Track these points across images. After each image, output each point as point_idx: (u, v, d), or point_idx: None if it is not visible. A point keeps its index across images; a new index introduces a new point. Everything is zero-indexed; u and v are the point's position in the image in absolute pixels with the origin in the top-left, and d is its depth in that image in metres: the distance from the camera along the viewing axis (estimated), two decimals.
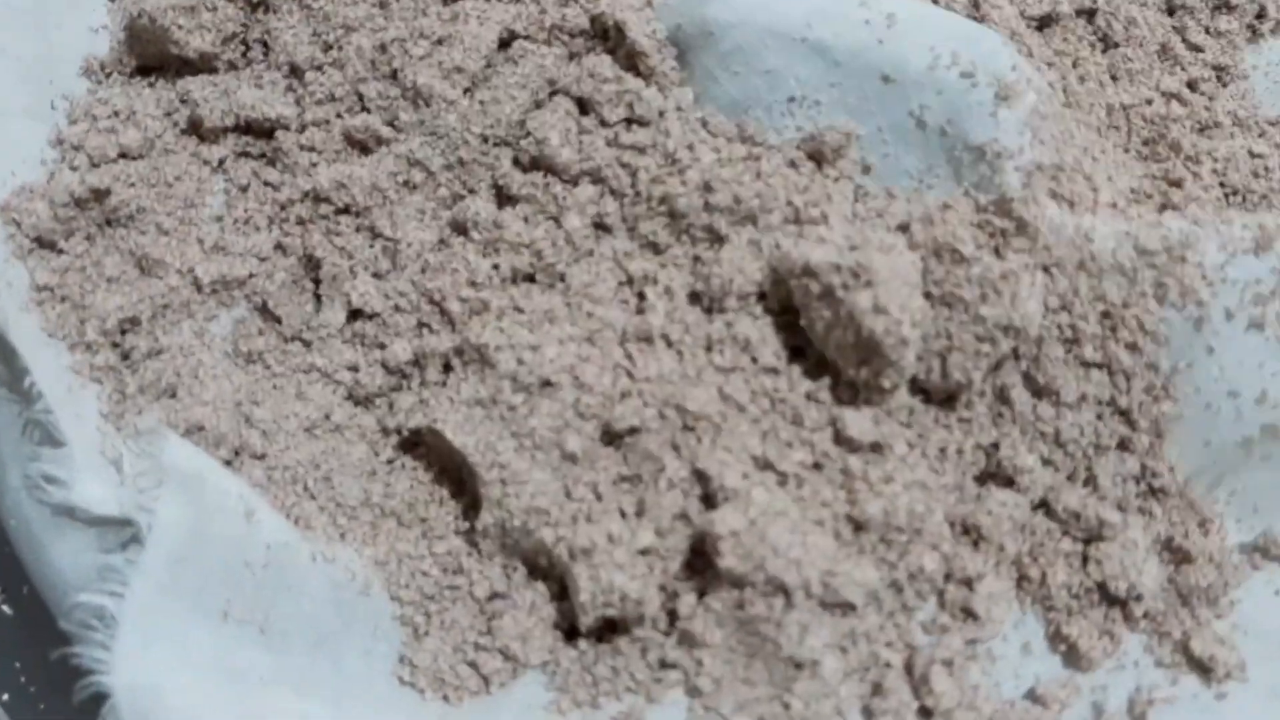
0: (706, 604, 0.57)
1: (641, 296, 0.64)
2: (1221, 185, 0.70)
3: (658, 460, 0.59)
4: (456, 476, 0.63)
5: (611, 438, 0.60)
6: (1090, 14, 0.77)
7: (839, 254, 0.58)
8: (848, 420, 0.60)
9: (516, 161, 0.68)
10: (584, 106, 0.68)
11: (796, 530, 0.57)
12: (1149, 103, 0.73)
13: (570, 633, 0.60)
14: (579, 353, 0.62)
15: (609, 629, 0.59)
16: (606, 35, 0.69)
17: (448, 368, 0.64)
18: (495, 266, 0.66)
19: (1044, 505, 0.62)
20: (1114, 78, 0.74)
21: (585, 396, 0.60)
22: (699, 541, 0.58)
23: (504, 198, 0.68)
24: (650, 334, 0.62)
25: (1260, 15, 0.81)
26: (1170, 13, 0.80)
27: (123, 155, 0.69)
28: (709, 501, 0.59)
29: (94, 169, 0.67)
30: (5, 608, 0.63)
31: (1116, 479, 0.62)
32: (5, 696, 0.61)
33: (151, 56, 0.72)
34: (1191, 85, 0.75)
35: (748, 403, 0.61)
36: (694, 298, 0.64)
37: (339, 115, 0.69)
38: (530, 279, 0.66)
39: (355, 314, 0.67)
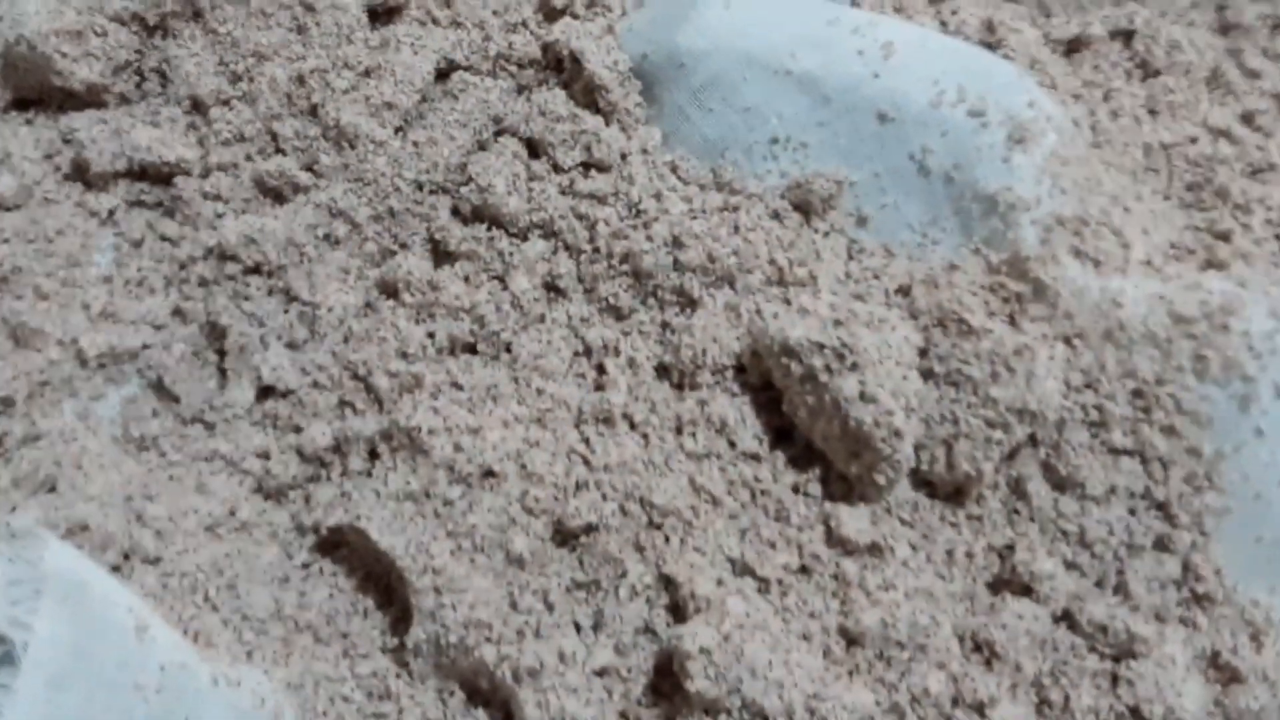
0: None
1: (600, 370, 0.68)
2: (1277, 239, 0.74)
3: (618, 564, 0.62)
4: (384, 584, 0.66)
5: (564, 537, 0.64)
6: (1128, 36, 0.82)
7: (821, 330, 0.63)
8: (841, 517, 0.64)
9: (456, 212, 0.72)
10: (534, 149, 0.72)
11: (779, 646, 0.60)
12: (1193, 141, 0.77)
13: None
14: (527, 437, 0.65)
15: None
16: (561, 66, 0.73)
17: (374, 455, 0.67)
18: (430, 335, 0.69)
19: (1067, 617, 0.65)
20: (1153, 112, 0.79)
21: (534, 489, 0.63)
22: (665, 660, 0.61)
23: (441, 254, 0.72)
24: (611, 414, 0.66)
25: None
26: (1224, 32, 0.84)
27: None
28: (677, 612, 0.62)
29: None
30: None
31: (1152, 584, 0.65)
32: None
33: (30, 89, 0.75)
34: (1246, 119, 0.80)
35: (724, 495, 0.64)
36: (662, 372, 0.67)
37: (249, 158, 0.73)
38: (471, 350, 0.70)
39: (266, 392, 0.70)
